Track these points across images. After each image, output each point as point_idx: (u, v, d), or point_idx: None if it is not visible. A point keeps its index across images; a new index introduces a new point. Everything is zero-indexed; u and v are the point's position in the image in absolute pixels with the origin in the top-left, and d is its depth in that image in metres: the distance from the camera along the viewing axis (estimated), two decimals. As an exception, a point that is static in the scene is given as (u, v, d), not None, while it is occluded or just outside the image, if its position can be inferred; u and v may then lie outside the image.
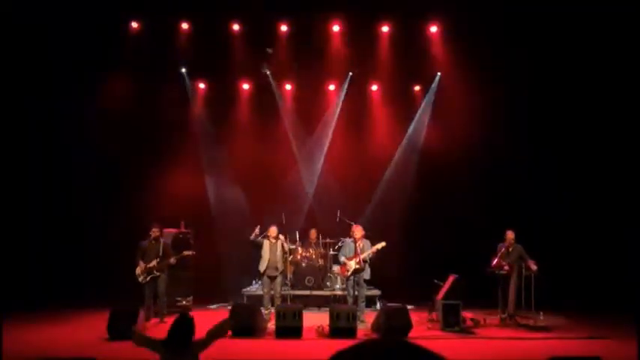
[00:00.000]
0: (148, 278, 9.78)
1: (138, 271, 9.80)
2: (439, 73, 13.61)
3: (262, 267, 10.16)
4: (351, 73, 13.69)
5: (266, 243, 10.25)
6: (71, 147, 12.27)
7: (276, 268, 10.15)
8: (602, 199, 11.84)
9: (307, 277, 12.26)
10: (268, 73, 13.54)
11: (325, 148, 14.12)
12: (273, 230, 10.32)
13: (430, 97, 13.97)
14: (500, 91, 12.31)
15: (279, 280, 10.20)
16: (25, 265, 11.48)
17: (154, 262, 9.78)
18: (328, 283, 12.40)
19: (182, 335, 4.48)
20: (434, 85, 13.84)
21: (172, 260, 9.93)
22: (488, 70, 12.16)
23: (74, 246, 12.02)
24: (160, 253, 9.88)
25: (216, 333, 4.75)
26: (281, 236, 10.38)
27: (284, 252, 10.32)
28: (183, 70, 13.40)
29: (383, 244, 9.89)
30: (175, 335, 4.47)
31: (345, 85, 13.90)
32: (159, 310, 9.91)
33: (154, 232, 9.99)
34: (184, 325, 4.51)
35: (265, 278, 10.16)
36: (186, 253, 10.31)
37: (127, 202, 12.39)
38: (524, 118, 12.47)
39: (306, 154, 14.23)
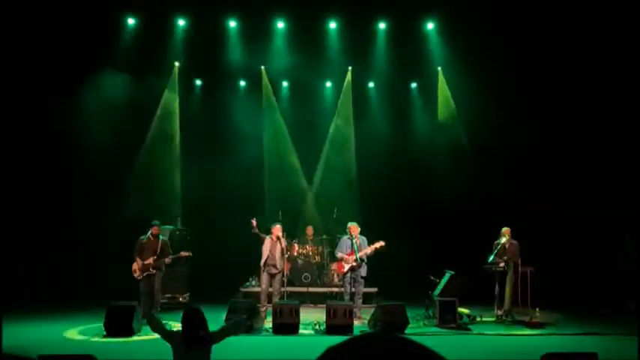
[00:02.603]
0: (144, 275, 9.76)
1: (134, 267, 9.78)
2: (439, 68, 13.61)
3: (261, 263, 10.15)
4: (350, 67, 13.68)
5: (267, 240, 10.23)
6: (68, 144, 12.23)
7: (275, 267, 10.13)
8: (600, 195, 11.86)
9: (304, 274, 12.28)
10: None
11: (323, 145, 14.11)
12: (277, 229, 10.28)
13: (428, 92, 14.00)
14: (498, 87, 12.33)
15: (278, 277, 10.18)
16: (23, 263, 11.45)
17: (150, 260, 9.76)
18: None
19: (196, 327, 4.47)
20: (440, 83, 13.83)
21: (167, 260, 9.89)
22: (486, 67, 12.17)
23: (73, 244, 11.99)
24: (158, 251, 9.86)
25: (231, 330, 4.82)
26: (281, 237, 10.31)
27: (282, 252, 10.28)
28: (177, 63, 13.36)
29: (382, 243, 9.89)
30: (189, 328, 4.46)
31: (344, 81, 13.90)
32: (154, 307, 9.89)
33: (155, 229, 9.96)
34: (195, 316, 4.51)
35: (265, 275, 10.14)
36: (183, 254, 10.27)
37: (125, 199, 12.36)
38: (522, 115, 12.48)
39: (304, 150, 14.21)
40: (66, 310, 10.49)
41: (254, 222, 10.25)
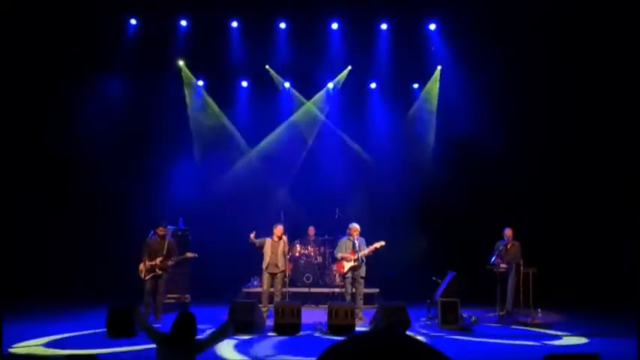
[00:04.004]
0: (150, 276, 9.77)
1: (141, 267, 9.79)
2: (439, 67, 13.59)
3: (264, 265, 10.15)
4: (350, 67, 13.68)
5: (268, 241, 10.22)
6: (69, 145, 12.24)
7: (277, 266, 10.13)
8: (600, 195, 11.84)
9: (306, 274, 12.27)
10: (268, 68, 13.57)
11: (324, 145, 14.11)
12: (279, 229, 10.28)
13: (429, 92, 13.99)
14: (497, 87, 12.34)
15: (279, 277, 10.18)
16: (24, 262, 11.47)
17: (156, 261, 9.77)
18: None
19: (184, 332, 4.48)
20: (433, 79, 13.81)
21: (170, 262, 9.88)
22: (486, 67, 12.16)
23: (73, 243, 12.00)
24: (165, 252, 9.86)
25: (218, 336, 4.79)
26: (284, 237, 10.33)
27: (284, 252, 10.29)
28: (181, 62, 13.34)
29: (382, 243, 9.92)
30: (178, 332, 4.47)
31: (344, 81, 13.90)
32: (156, 308, 9.90)
33: (161, 230, 9.96)
34: (187, 322, 4.51)
35: (266, 275, 10.14)
36: (189, 255, 10.28)
37: (126, 199, 12.37)
38: (522, 115, 12.47)
39: (305, 150, 14.20)
40: (67, 310, 10.50)
41: (252, 235, 10.20)
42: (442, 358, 1.04)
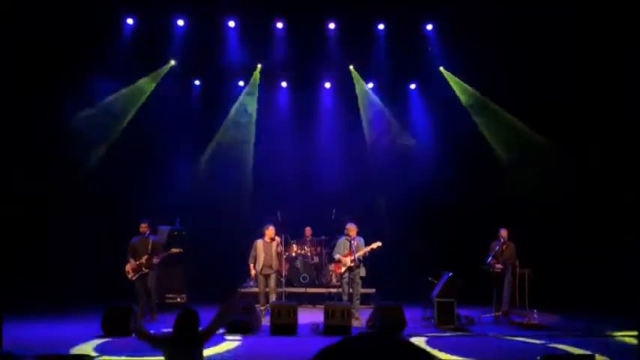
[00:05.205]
0: (137, 275, 9.76)
1: (127, 268, 9.78)
2: (441, 67, 13.56)
3: (258, 267, 10.15)
4: (351, 67, 13.68)
5: (260, 243, 10.21)
6: (67, 144, 12.21)
7: (270, 267, 10.15)
8: (600, 196, 11.87)
9: (302, 275, 12.27)
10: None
11: (321, 146, 14.11)
12: (270, 231, 10.29)
13: (426, 93, 13.98)
14: (496, 88, 12.35)
15: (273, 276, 10.20)
16: (23, 262, 11.42)
17: (142, 260, 9.76)
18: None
19: (188, 329, 4.46)
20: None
21: (155, 260, 9.86)
22: (484, 67, 12.18)
23: (71, 243, 11.96)
24: (150, 250, 9.84)
25: (219, 320, 4.77)
26: (277, 238, 10.32)
27: (278, 253, 10.29)
28: (173, 62, 13.30)
29: (378, 243, 9.91)
30: (181, 330, 4.46)
31: (344, 82, 13.90)
32: (151, 308, 9.88)
33: (143, 227, 9.95)
34: (189, 319, 4.50)
35: (260, 277, 10.16)
36: (173, 250, 10.25)
37: (124, 199, 12.35)
38: (520, 115, 12.50)
39: (303, 151, 14.19)
40: (64, 311, 10.48)
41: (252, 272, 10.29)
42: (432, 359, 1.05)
